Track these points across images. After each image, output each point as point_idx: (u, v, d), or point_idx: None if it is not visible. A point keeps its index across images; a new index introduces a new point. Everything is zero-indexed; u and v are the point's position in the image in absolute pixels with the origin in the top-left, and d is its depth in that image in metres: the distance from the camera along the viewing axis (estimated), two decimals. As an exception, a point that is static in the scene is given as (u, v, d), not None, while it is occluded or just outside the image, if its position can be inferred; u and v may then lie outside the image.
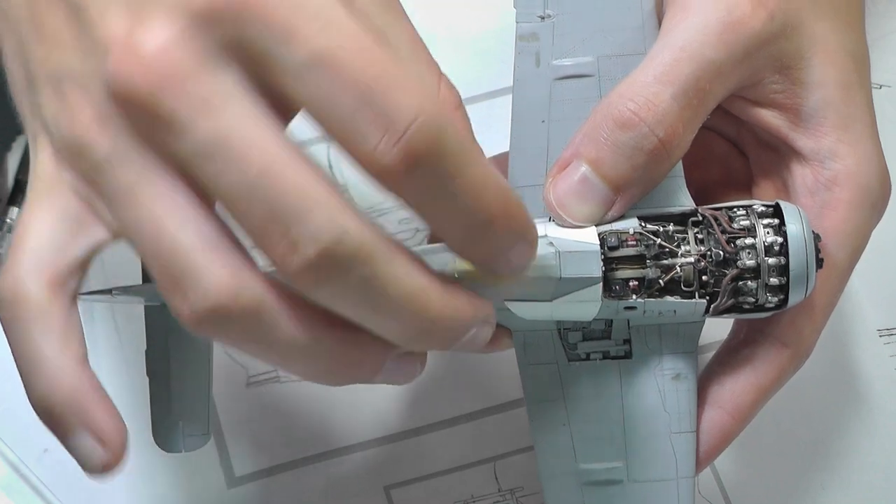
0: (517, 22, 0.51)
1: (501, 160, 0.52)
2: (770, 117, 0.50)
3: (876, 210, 0.51)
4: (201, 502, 0.60)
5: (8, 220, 0.65)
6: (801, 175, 0.50)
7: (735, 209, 0.49)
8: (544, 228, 0.48)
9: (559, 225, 0.48)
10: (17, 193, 0.66)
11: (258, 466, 0.61)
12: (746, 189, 0.54)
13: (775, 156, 0.52)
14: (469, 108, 0.68)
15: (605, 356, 0.50)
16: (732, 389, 0.51)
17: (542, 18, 0.51)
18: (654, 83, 0.46)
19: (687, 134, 0.47)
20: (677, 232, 0.48)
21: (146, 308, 0.50)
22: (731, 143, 0.54)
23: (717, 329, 0.53)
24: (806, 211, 0.49)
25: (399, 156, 0.38)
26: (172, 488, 0.60)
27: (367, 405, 0.62)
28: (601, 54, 0.50)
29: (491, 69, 0.66)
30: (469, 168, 0.39)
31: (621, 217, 0.48)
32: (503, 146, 0.51)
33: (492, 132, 0.52)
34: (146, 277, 0.49)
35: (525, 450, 0.61)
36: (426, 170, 0.38)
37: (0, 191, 0.67)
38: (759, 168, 0.53)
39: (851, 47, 0.50)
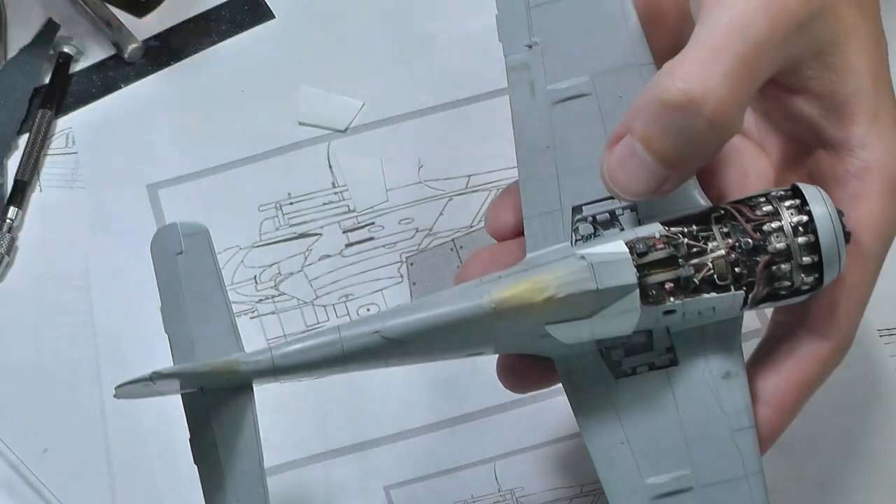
0: (505, 55, 0.51)
1: (511, 191, 0.52)
2: (803, 105, 0.50)
3: None
4: (202, 502, 0.60)
5: (8, 220, 0.65)
6: (829, 166, 0.50)
7: (754, 199, 0.49)
8: (572, 248, 0.48)
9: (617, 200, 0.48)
10: (17, 193, 0.66)
11: (258, 466, 0.61)
12: (763, 186, 0.53)
13: (801, 148, 0.52)
14: (469, 108, 0.69)
15: (651, 367, 0.50)
16: (775, 385, 0.50)
17: (530, 47, 0.51)
18: (704, 61, 0.45)
19: (739, 111, 0.46)
20: (701, 231, 0.48)
21: (184, 396, 0.49)
22: (744, 138, 0.54)
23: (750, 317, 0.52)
24: (836, 202, 0.49)
25: None
26: (172, 488, 0.60)
27: (367, 405, 0.62)
28: (595, 71, 0.50)
29: (491, 69, 0.66)
30: None
31: (648, 219, 0.49)
32: (504, 147, 0.51)
33: (494, 133, 0.52)
34: (175, 355, 0.49)
35: (525, 450, 0.61)
36: None
37: (0, 191, 0.67)
38: (782, 162, 0.53)
39: (876, 35, 0.50)
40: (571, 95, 0.50)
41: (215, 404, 0.48)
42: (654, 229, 0.48)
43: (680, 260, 0.47)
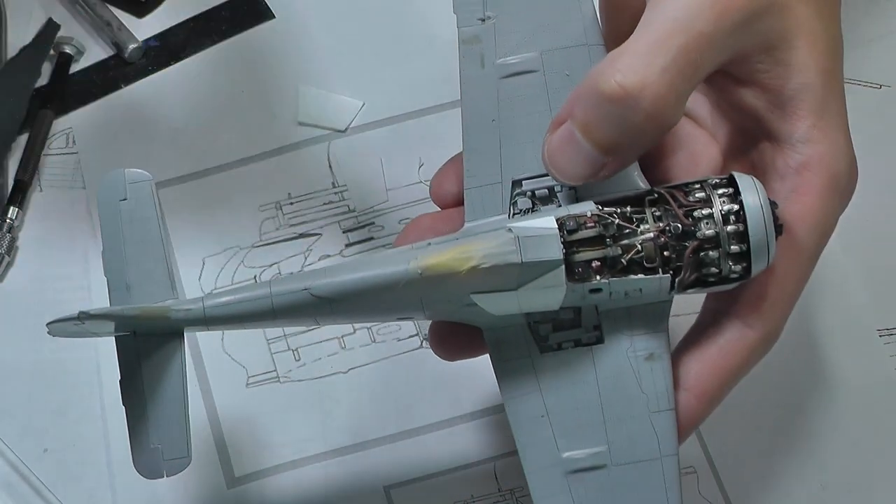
0: (458, 27, 0.51)
1: (458, 161, 0.52)
2: (750, 97, 0.50)
3: (844, 197, 0.51)
4: (201, 502, 0.60)
5: (8, 220, 0.65)
6: (772, 158, 0.50)
7: (690, 185, 0.49)
8: (505, 220, 0.49)
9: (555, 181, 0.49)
10: (17, 193, 0.66)
11: (258, 466, 0.61)
12: (712, 173, 0.54)
13: (747, 139, 0.52)
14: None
15: (578, 344, 0.50)
16: (698, 372, 0.51)
17: (483, 21, 0.51)
18: (644, 54, 0.46)
19: (678, 104, 0.46)
20: (635, 213, 0.48)
21: (117, 338, 0.50)
22: (697, 126, 0.54)
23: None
24: (775, 195, 0.49)
25: None
26: (172, 488, 0.60)
27: (367, 405, 0.62)
28: (544, 49, 0.51)
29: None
30: None
31: (579, 201, 0.49)
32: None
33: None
34: (111, 299, 0.50)
35: (525, 450, 0.61)
36: None
37: (0, 191, 0.67)
38: (729, 150, 0.53)
39: (831, 33, 0.50)
40: (520, 71, 0.51)
41: (146, 348, 0.49)
42: (587, 207, 0.48)
43: (608, 240, 0.48)
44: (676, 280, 0.48)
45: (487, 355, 0.51)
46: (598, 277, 0.48)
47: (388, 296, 0.48)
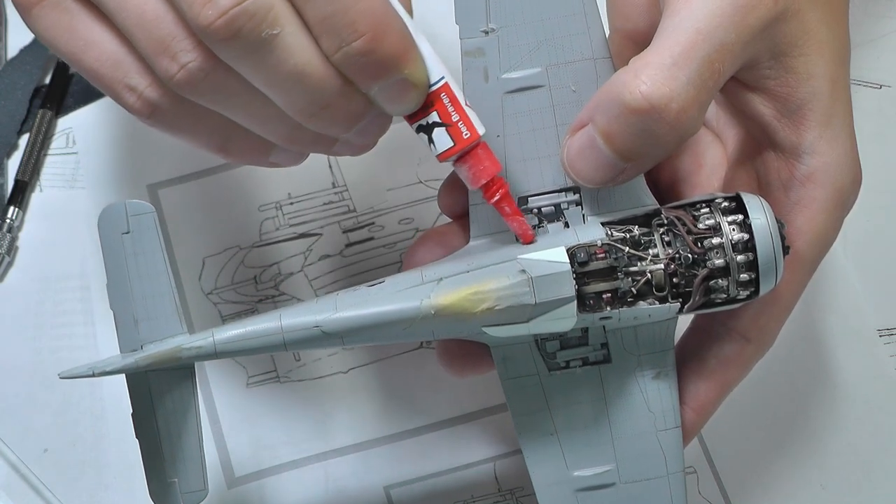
0: (461, 38, 0.51)
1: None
2: (758, 104, 0.50)
3: (846, 208, 0.51)
4: (201, 502, 0.60)
5: (8, 220, 0.65)
6: (776, 168, 0.50)
7: (698, 206, 0.49)
8: (515, 251, 0.48)
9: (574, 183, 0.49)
10: (18, 193, 0.66)
11: (258, 466, 0.61)
12: (717, 178, 0.54)
13: (752, 144, 0.52)
14: (469, 108, 0.69)
15: (585, 363, 0.50)
16: (697, 387, 0.51)
17: (487, 33, 0.50)
18: (669, 66, 0.46)
19: (700, 114, 0.47)
20: (643, 234, 0.48)
21: (127, 373, 0.50)
22: (705, 128, 0.54)
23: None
24: (778, 207, 0.49)
25: None
26: (172, 488, 0.60)
27: (367, 405, 0.62)
28: (549, 63, 0.50)
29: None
30: None
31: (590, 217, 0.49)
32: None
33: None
34: (119, 333, 0.50)
35: (525, 450, 0.61)
36: None
37: (0, 191, 0.67)
38: (735, 156, 0.53)
39: (839, 40, 0.50)
40: (524, 86, 0.50)
41: (157, 383, 0.50)
42: (597, 234, 0.48)
43: (619, 273, 0.48)
44: (685, 305, 0.48)
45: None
46: (608, 308, 0.48)
47: (399, 330, 0.48)
